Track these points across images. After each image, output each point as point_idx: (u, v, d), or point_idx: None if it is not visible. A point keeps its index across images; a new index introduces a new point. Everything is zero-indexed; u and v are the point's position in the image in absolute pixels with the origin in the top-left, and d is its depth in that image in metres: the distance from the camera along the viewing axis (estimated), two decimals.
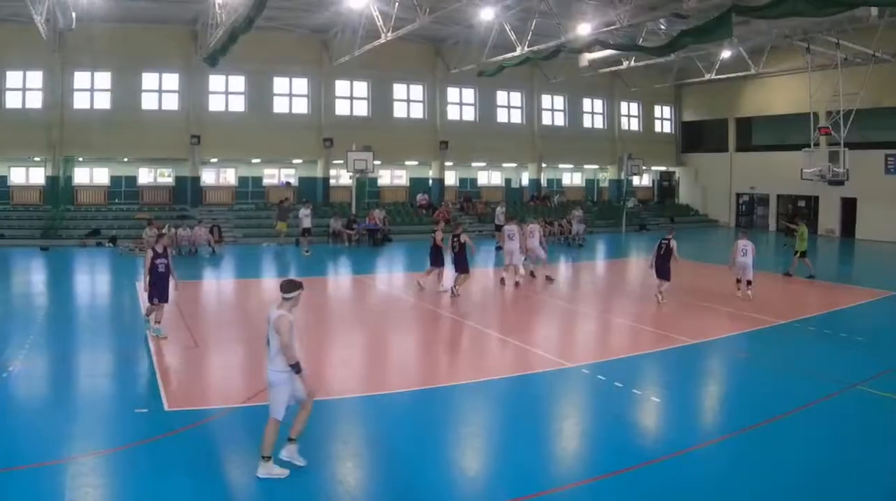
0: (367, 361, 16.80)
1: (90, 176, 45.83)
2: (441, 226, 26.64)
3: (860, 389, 14.09)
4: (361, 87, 48.88)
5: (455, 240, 24.64)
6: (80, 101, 43.44)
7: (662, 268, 23.00)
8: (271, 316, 9.78)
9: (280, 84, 47.10)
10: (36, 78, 42.71)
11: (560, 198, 54.19)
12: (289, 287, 9.90)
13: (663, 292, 22.97)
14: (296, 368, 9.66)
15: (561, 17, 35.79)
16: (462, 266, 24.33)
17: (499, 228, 39.27)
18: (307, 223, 37.36)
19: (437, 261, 25.41)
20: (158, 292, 17.43)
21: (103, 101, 43.80)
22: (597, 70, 49.23)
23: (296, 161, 48.76)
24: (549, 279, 27.75)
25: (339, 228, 41.49)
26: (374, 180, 49.69)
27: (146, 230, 35.88)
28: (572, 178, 59.76)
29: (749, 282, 23.72)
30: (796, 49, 43.44)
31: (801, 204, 51.46)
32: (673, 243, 22.76)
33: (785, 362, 16.37)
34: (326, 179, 48.36)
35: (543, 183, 55.46)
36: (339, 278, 32.03)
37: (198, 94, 44.92)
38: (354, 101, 48.91)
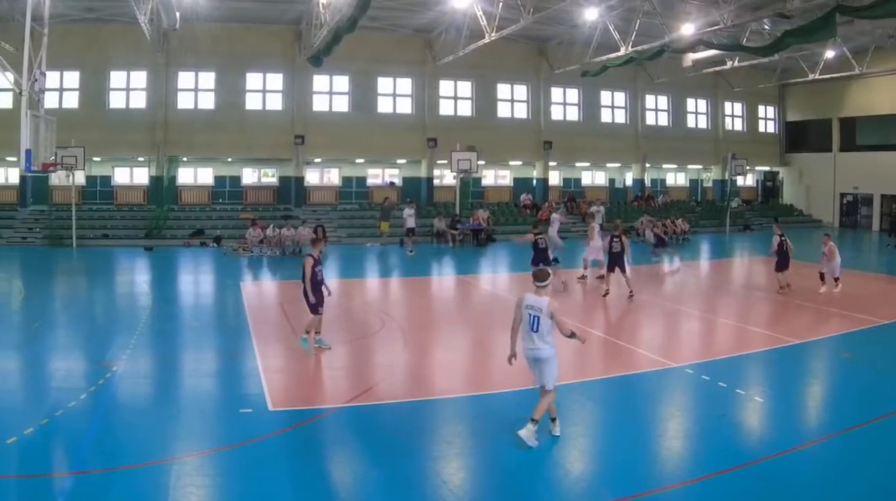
0: (472, 361, 16.23)
1: (194, 176, 44.98)
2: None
3: None
4: (465, 87, 47.01)
5: (616, 240, 22.88)
6: (184, 101, 42.81)
7: (781, 263, 23.82)
8: (537, 303, 10.53)
9: (384, 84, 45.46)
10: (140, 78, 42.22)
11: (664, 198, 52.03)
12: (543, 276, 10.70)
13: (787, 283, 23.71)
14: (573, 334, 10.74)
15: (665, 17, 34.69)
16: (623, 266, 22.89)
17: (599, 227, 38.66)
18: (411, 223, 36.21)
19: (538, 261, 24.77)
20: (320, 300, 15.70)
21: (207, 101, 43.09)
22: (700, 70, 47.27)
23: (400, 161, 47.25)
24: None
25: (442, 228, 39.98)
26: (478, 180, 47.95)
27: (249, 230, 35.21)
28: (676, 178, 57.28)
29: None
30: None
31: None
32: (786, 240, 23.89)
33: (890, 362, 15.79)
34: (430, 179, 46.69)
35: (647, 183, 53.28)
36: (444, 278, 30.98)
37: (302, 94, 43.58)
38: (458, 101, 47.15)
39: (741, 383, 13.75)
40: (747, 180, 57.33)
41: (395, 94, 45.80)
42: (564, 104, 49.66)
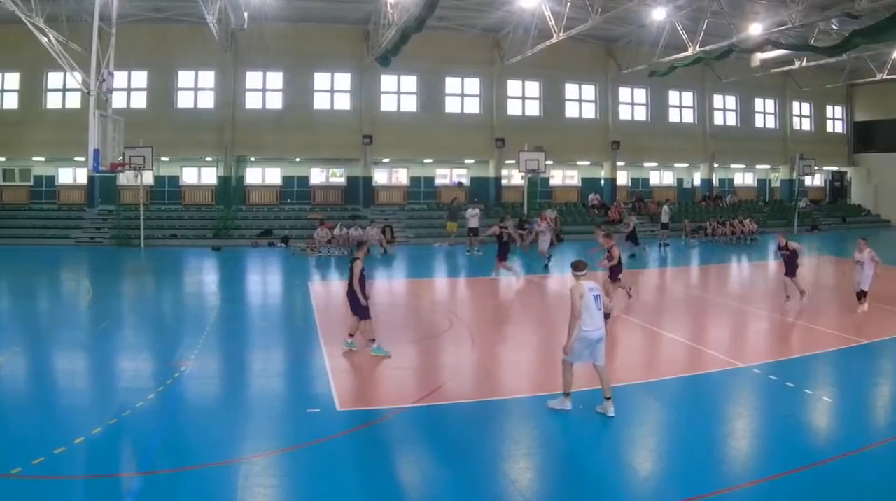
0: (539, 361, 15.72)
1: (262, 176, 44.55)
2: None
3: None
4: (533, 87, 46.02)
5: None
6: (252, 101, 42.59)
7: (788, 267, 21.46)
8: (593, 284, 11.79)
9: (452, 84, 44.70)
10: (208, 78, 42.04)
11: (732, 198, 50.78)
12: (581, 266, 11.88)
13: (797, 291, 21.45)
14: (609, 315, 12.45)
15: (733, 16, 34.30)
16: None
17: (665, 226, 39.77)
18: (474, 223, 35.39)
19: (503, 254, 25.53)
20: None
21: (275, 101, 42.80)
22: (768, 70, 46.09)
23: (468, 161, 46.36)
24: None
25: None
26: (546, 180, 47.00)
27: (317, 230, 34.79)
28: (744, 178, 55.92)
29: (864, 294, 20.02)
30: None
31: None
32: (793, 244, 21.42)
33: None
34: (498, 179, 45.74)
35: (715, 183, 51.91)
36: (511, 278, 29.29)
37: (370, 94, 43.01)
38: (526, 101, 46.16)
39: (809, 383, 13.51)
40: (815, 180, 55.95)
41: (462, 94, 44.99)
42: (632, 104, 48.53)
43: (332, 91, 43.33)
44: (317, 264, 31.62)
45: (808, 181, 52.21)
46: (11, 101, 40.95)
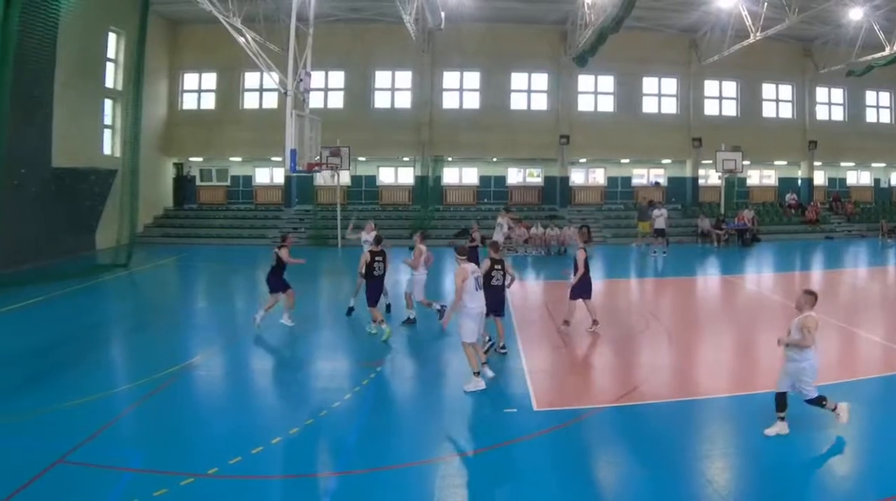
0: (735, 361, 15.54)
1: (459, 175, 44.40)
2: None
3: None
4: (730, 87, 44.67)
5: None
6: (449, 101, 42.60)
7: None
8: (473, 268, 13.03)
9: (649, 84, 43.74)
10: (405, 78, 42.23)
11: None
12: (462, 251, 13.23)
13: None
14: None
15: None
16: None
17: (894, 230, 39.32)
18: (659, 224, 34.76)
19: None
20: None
21: (472, 101, 42.73)
22: None
23: (664, 161, 45.33)
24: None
25: (707, 228, 38.48)
26: (743, 180, 45.67)
27: (514, 229, 34.46)
28: None
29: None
30: None
31: None
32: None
33: None
34: (695, 179, 44.59)
35: None
36: (708, 278, 29.60)
37: (566, 94, 42.45)
38: (723, 101, 44.93)
39: None
40: None
41: (659, 94, 44.05)
42: (829, 104, 46.70)
43: (529, 91, 43.02)
44: (512, 263, 31.32)
45: None
46: (209, 101, 42.12)
